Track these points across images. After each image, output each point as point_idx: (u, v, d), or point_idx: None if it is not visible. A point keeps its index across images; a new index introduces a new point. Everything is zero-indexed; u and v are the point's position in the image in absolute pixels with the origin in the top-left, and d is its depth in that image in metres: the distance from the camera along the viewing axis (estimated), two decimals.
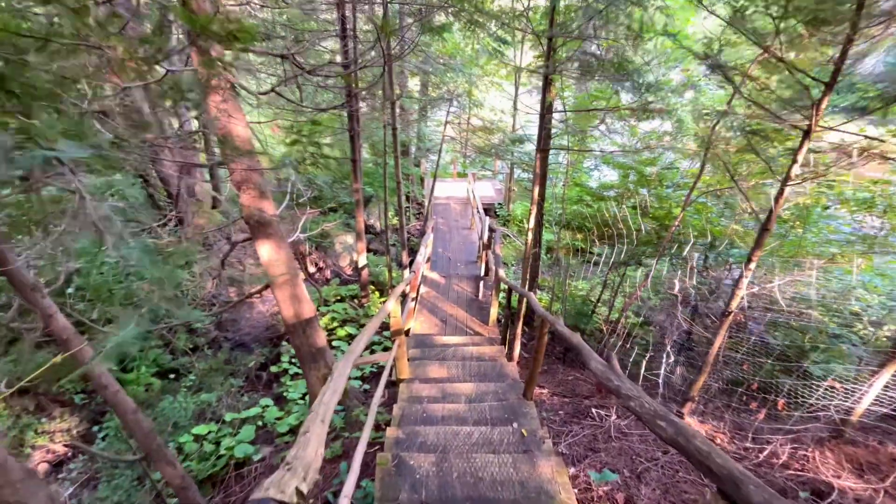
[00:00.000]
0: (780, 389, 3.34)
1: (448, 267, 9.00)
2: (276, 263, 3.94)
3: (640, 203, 5.57)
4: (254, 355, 7.39)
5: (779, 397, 3.29)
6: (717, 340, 3.26)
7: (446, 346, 5.38)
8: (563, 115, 4.63)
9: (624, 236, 5.97)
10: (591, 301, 7.14)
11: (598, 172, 8.62)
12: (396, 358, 4.25)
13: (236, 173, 3.53)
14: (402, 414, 3.62)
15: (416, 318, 6.44)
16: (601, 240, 6.13)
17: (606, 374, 1.95)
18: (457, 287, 7.69)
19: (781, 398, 3.28)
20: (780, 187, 2.73)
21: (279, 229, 3.92)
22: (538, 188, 4.31)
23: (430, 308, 6.84)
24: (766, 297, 3.80)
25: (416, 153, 13.47)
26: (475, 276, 8.16)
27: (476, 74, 8.55)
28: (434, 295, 7.31)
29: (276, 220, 3.85)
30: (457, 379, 4.40)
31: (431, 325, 6.29)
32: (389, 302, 3.80)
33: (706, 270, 5.03)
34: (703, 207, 5.36)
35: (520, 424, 3.43)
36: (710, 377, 3.65)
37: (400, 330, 4.12)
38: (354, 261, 10.60)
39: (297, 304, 4.20)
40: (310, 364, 4.50)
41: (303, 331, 4.31)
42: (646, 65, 4.08)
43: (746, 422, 3.28)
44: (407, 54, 6.73)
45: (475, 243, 10.36)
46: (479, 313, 6.70)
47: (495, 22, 6.68)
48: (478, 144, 12.25)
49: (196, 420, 5.46)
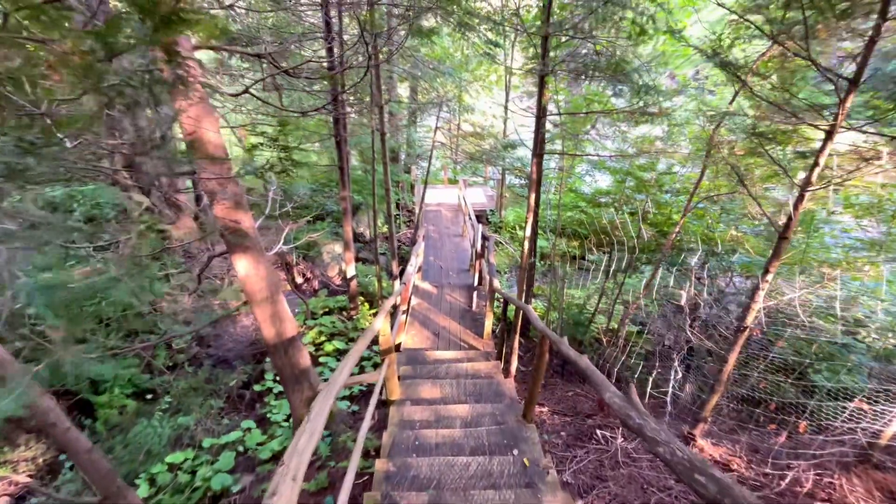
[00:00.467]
0: (801, 409, 3.13)
1: (440, 276, 8.74)
2: (255, 279, 3.64)
3: (639, 209, 5.38)
4: (236, 373, 7.02)
5: (800, 419, 3.08)
6: (730, 357, 3.03)
7: (439, 362, 5.09)
8: (558, 119, 4.42)
9: (623, 243, 5.77)
10: (587, 310, 6.92)
11: (589, 178, 8.48)
12: (386, 378, 3.96)
13: (208, 182, 3.23)
14: (392, 442, 3.33)
15: (407, 332, 6.15)
16: (598, 247, 5.92)
17: (625, 409, 1.70)
18: (449, 297, 7.42)
19: (803, 420, 3.06)
20: (798, 192, 2.53)
21: (258, 242, 3.63)
22: (534, 194, 4.08)
23: (422, 320, 6.55)
24: (781, 310, 3.61)
25: (406, 160, 13.23)
26: (468, 286, 7.90)
27: (466, 80, 8.36)
28: (426, 306, 7.03)
29: (253, 233, 3.56)
30: (451, 399, 4.11)
31: (423, 339, 6.00)
32: (378, 319, 3.51)
33: (708, 279, 4.83)
34: (703, 213, 5.18)
35: (521, 452, 3.16)
36: (723, 396, 3.43)
37: (389, 348, 3.83)
38: (343, 271, 10.28)
39: (279, 323, 3.90)
40: (293, 386, 4.19)
41: (284, 351, 4.00)
42: (642, 66, 3.88)
43: (766, 445, 3.06)
44: (395, 55, 6.50)
45: (467, 251, 10.12)
46: (472, 325, 6.43)
47: (486, 24, 6.51)
48: (469, 150, 12.06)
49: (172, 446, 5.09)
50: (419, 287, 7.77)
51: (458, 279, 8.63)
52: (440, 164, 18.21)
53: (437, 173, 18.56)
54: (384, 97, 6.10)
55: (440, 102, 8.74)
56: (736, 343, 2.98)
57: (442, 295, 7.53)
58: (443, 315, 6.75)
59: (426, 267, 9.16)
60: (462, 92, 8.77)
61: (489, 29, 5.66)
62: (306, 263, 10.90)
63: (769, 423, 3.26)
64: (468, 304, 7.15)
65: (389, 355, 3.85)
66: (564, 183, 6.06)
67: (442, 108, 9.09)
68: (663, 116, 3.95)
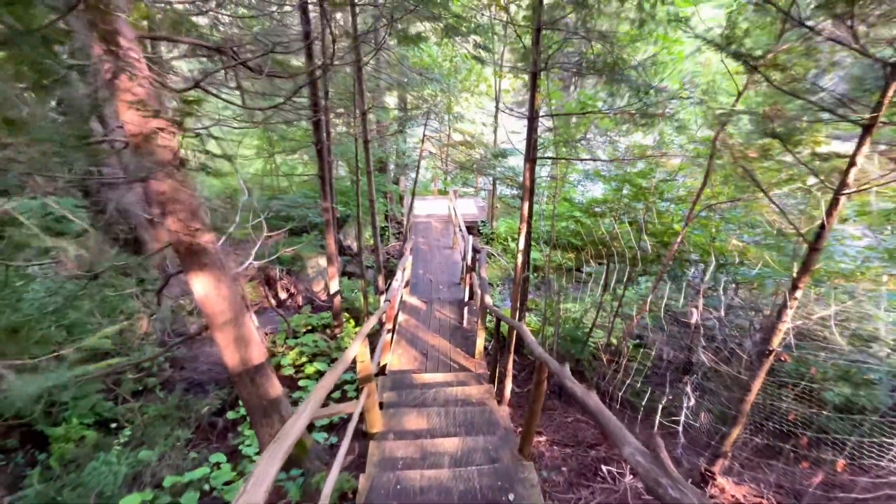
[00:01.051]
0: (840, 445, 2.79)
1: (429, 290, 8.33)
2: (215, 300, 3.22)
3: (638, 218, 5.07)
4: (209, 398, 6.51)
5: (839, 456, 2.72)
6: (753, 385, 2.68)
7: (427, 386, 4.68)
8: (552, 123, 4.11)
9: (622, 255, 5.44)
10: (584, 325, 6.55)
11: (581, 188, 8.21)
12: (366, 409, 3.53)
13: (158, 190, 2.84)
14: (370, 486, 2.89)
15: (393, 352, 5.72)
16: (595, 258, 5.59)
17: (653, 474, 1.31)
18: (439, 313, 7.02)
19: (842, 457, 2.71)
20: (832, 196, 2.22)
21: (219, 258, 3.22)
22: (527, 203, 3.73)
23: (410, 339, 6.13)
24: (809, 330, 3.28)
25: (395, 170, 12.89)
26: (459, 301, 7.51)
27: (456, 87, 8.09)
28: (414, 323, 6.62)
29: (213, 247, 3.15)
30: (439, 431, 3.69)
31: (410, 360, 5.58)
32: (354, 345, 3.11)
33: (715, 292, 4.50)
34: (707, 222, 4.88)
35: (517, 496, 2.74)
36: (745, 428, 3.07)
37: (369, 376, 3.42)
38: (329, 285, 9.82)
39: (244, 348, 3.47)
40: (261, 419, 3.74)
41: (251, 379, 3.57)
42: (641, 64, 3.59)
43: (797, 486, 2.69)
44: (378, 55, 6.19)
45: (458, 263, 9.75)
46: (463, 343, 6.03)
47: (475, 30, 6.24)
48: (459, 160, 11.76)
49: (129, 486, 4.57)
50: (407, 302, 7.36)
51: (448, 293, 8.24)
52: (430, 175, 17.94)
53: (427, 184, 18.28)
54: (368, 103, 5.77)
55: (429, 111, 8.44)
56: (760, 369, 2.63)
57: (431, 311, 7.13)
58: (432, 332, 6.33)
59: (415, 281, 8.76)
60: (451, 100, 8.47)
61: (478, 30, 5.38)
62: (290, 278, 10.44)
63: (801, 461, 2.89)
64: (459, 320, 6.75)
65: (369, 384, 3.44)
66: (559, 192, 5.75)
67: (430, 117, 8.80)
68: (665, 119, 3.65)
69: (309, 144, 6.36)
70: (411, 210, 9.76)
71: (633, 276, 5.24)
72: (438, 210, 13.22)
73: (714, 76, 5.58)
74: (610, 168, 6.24)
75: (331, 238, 6.77)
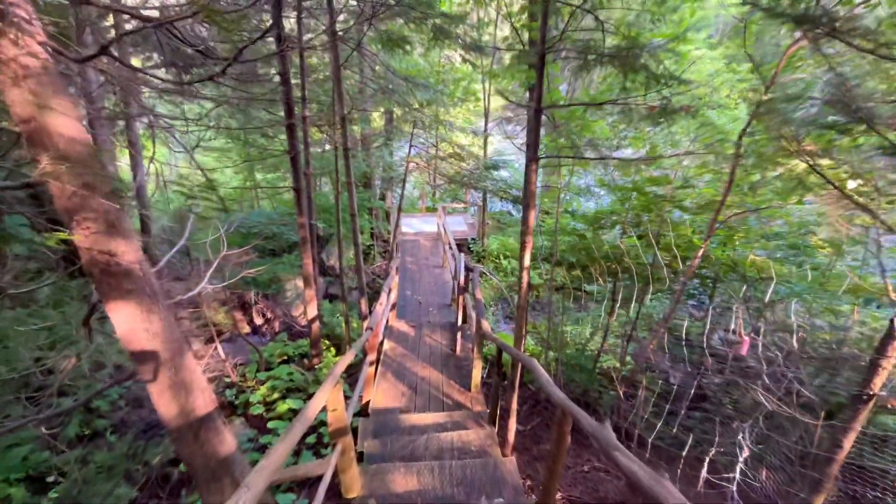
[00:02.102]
0: None
1: (418, 313, 7.65)
2: (143, 336, 2.51)
3: (651, 231, 4.52)
4: (166, 443, 5.65)
5: None
6: (846, 441, 2.07)
7: (417, 429, 3.96)
8: (556, 117, 3.58)
9: (630, 271, 4.87)
10: (589, 350, 5.93)
11: (583, 199, 7.73)
12: (340, 470, 2.82)
13: (63, 195, 2.17)
14: None
15: (377, 386, 5.00)
16: (602, 276, 5.01)
17: None
18: (429, 339, 6.32)
19: None
20: None
21: (150, 283, 2.52)
22: (532, 211, 3.14)
23: (396, 370, 5.42)
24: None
25: (381, 184, 12.29)
26: (451, 325, 6.84)
27: (443, 98, 7.62)
28: (401, 352, 5.91)
29: (140, 269, 2.46)
30: (433, 494, 2.98)
31: (397, 395, 4.86)
32: (319, 393, 2.42)
33: (749, 313, 3.93)
34: (733, 234, 4.35)
35: None
36: (831, 496, 2.45)
37: (343, 428, 2.71)
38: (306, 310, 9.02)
39: (184, 397, 2.74)
40: (208, 484, 2.98)
41: (194, 435, 2.82)
42: (661, 46, 3.08)
43: None
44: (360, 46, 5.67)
45: (448, 283, 9.11)
46: (457, 374, 5.34)
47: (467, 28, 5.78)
48: (448, 173, 11.24)
49: None
50: (393, 328, 6.65)
51: (439, 316, 7.57)
52: (417, 193, 17.43)
53: (415, 202, 17.75)
54: (348, 107, 5.20)
55: (416, 121, 7.93)
56: (856, 419, 2.04)
57: (421, 336, 6.43)
58: (422, 362, 5.63)
59: (402, 303, 8.07)
60: (440, 110, 7.98)
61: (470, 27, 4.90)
62: (266, 302, 9.64)
63: None
64: (451, 346, 6.06)
65: (343, 438, 2.73)
66: (560, 203, 5.21)
67: (418, 125, 8.29)
68: (691, 114, 3.13)
69: (282, 154, 5.73)
70: (398, 226, 9.13)
71: (645, 295, 4.66)
72: (427, 227, 12.63)
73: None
74: (613, 177, 5.75)
75: (308, 257, 6.08)
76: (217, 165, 8.89)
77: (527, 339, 6.56)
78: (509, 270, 11.79)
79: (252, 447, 5.10)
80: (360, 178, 10.42)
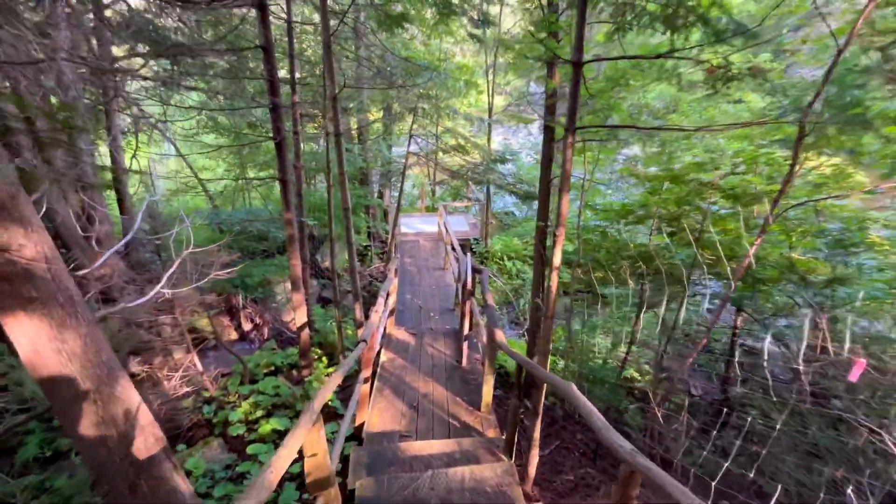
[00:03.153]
0: None
1: (419, 319, 7.01)
2: (54, 359, 1.87)
3: (691, 227, 3.88)
4: None
5: None
6: None
7: (420, 461, 3.32)
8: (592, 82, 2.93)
9: (660, 272, 4.24)
10: (611, 362, 5.29)
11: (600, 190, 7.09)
12: None
13: None
14: None
15: (373, 405, 4.36)
16: (630, 278, 4.38)
17: None
18: (431, 349, 5.68)
19: None
20: None
21: (62, 287, 1.87)
22: (565, 197, 2.50)
23: (395, 385, 4.77)
24: None
25: (379, 179, 11.59)
26: (454, 332, 6.20)
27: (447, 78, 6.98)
28: (400, 364, 5.26)
29: (45, 270, 1.82)
30: None
31: (396, 416, 4.21)
32: (295, 434, 1.78)
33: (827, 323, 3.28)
34: (786, 230, 3.70)
35: None
36: None
37: (325, 479, 2.06)
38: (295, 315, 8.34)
39: (116, 436, 2.08)
40: None
41: (130, 487, 2.16)
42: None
43: None
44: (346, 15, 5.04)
45: (451, 286, 8.47)
46: (464, 390, 4.69)
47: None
48: (451, 167, 10.53)
49: None
50: (392, 336, 6.00)
51: (441, 321, 6.93)
52: (417, 191, 16.80)
53: (415, 201, 17.12)
54: (341, 87, 4.56)
55: (416, 108, 7.28)
56: None
57: (422, 345, 5.78)
58: (423, 376, 4.98)
59: (402, 307, 7.43)
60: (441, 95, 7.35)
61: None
62: (255, 306, 8.98)
63: None
64: (456, 357, 5.42)
65: (326, 492, 2.08)
66: (584, 196, 4.56)
67: (418, 114, 7.65)
68: (762, 76, 2.50)
69: (267, 140, 5.09)
70: (396, 224, 8.49)
71: (679, 299, 4.04)
72: (427, 227, 12.00)
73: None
74: (638, 168, 5.13)
75: (296, 258, 5.43)
76: (207, 162, 8.25)
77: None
78: (514, 272, 11.16)
79: (228, 476, 4.45)
80: (356, 173, 9.78)
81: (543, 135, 4.46)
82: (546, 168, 4.39)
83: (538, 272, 5.02)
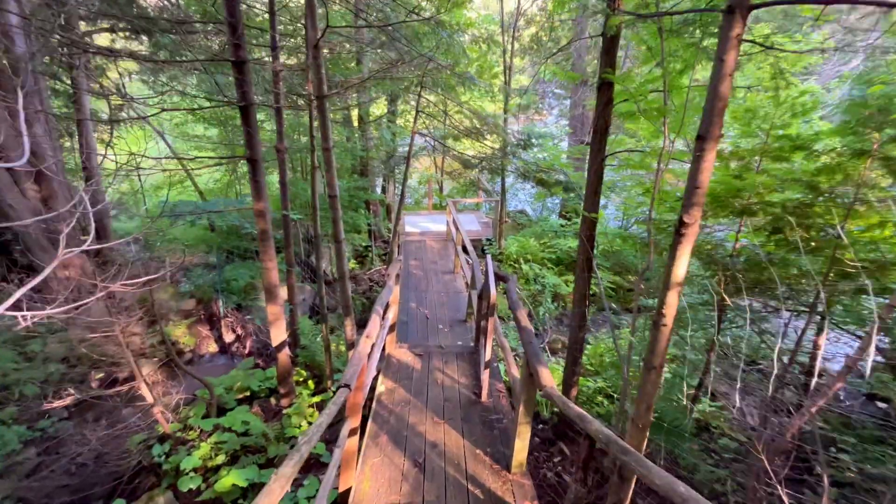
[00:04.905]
0: None
1: (426, 333, 5.85)
2: None
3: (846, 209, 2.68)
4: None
5: None
6: None
7: None
8: None
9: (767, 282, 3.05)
10: (678, 398, 4.09)
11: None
12: None
13: None
14: None
15: (364, 461, 3.21)
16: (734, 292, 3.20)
17: None
18: (441, 375, 4.51)
19: None
20: None
21: None
22: (711, 147, 1.33)
23: (394, 430, 3.61)
24: None
25: (384, 168, 10.38)
26: (469, 353, 5.03)
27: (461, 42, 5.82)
28: (402, 397, 4.09)
29: None
30: None
31: (394, 479, 3.06)
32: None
33: None
34: None
35: None
36: None
37: None
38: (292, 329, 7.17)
39: None
40: None
41: None
42: None
43: None
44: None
45: (462, 293, 7.31)
46: (485, 436, 3.53)
47: None
48: (463, 154, 9.27)
49: None
50: (393, 358, 4.84)
51: (452, 336, 5.76)
52: (424, 189, 15.68)
53: (421, 200, 15.98)
54: (319, 25, 3.41)
55: (424, 76, 6.09)
56: None
57: (430, 370, 4.62)
58: (431, 415, 3.81)
59: (405, 318, 6.27)
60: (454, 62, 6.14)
61: None
62: (238, 315, 7.87)
63: None
64: (473, 386, 4.26)
65: None
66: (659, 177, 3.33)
67: (425, 87, 6.47)
68: None
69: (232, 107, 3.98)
70: (399, 219, 7.31)
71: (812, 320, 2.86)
72: (434, 226, 10.84)
73: None
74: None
75: (270, 259, 4.29)
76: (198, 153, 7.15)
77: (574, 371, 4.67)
78: (531, 277, 9.96)
79: None
80: (355, 163, 8.63)
81: (597, 97, 3.31)
82: (600, 139, 3.23)
83: (582, 279, 3.85)
